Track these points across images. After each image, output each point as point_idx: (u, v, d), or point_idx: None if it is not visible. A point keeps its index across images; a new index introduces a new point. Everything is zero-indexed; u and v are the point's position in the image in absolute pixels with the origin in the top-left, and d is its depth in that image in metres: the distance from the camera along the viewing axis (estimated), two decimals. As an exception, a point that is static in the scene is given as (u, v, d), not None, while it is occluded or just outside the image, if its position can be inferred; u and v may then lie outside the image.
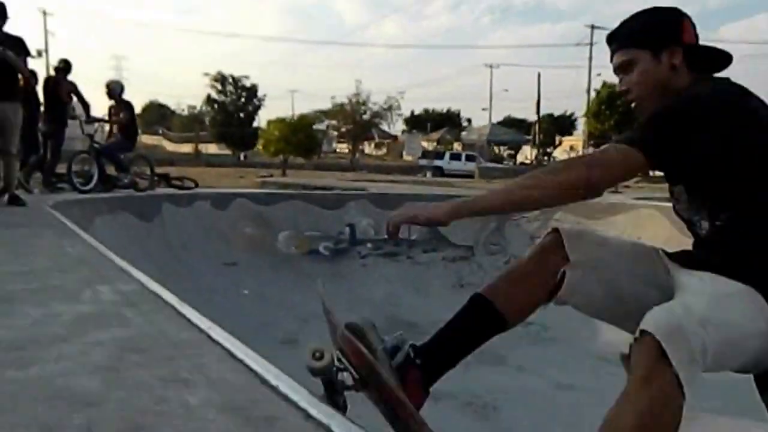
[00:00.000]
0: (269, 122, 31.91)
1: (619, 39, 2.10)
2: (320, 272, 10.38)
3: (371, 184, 21.27)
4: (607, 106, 21.84)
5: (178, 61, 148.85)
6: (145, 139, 53.78)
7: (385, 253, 11.10)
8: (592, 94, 23.92)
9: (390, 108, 51.84)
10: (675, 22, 2.04)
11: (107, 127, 10.44)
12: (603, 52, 2.22)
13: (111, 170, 10.13)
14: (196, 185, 11.75)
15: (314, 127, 34.72)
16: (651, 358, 1.51)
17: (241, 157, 49.53)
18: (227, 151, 52.76)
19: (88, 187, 9.18)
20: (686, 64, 2.01)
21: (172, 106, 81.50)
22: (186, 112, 75.02)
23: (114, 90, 10.40)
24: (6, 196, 6.81)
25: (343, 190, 14.97)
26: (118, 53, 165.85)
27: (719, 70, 2.05)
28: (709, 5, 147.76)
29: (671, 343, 1.49)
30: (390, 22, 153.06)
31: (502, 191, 2.07)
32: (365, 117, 45.83)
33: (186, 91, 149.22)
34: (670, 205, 2.35)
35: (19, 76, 6.59)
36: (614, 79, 2.14)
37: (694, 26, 2.06)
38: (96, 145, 9.63)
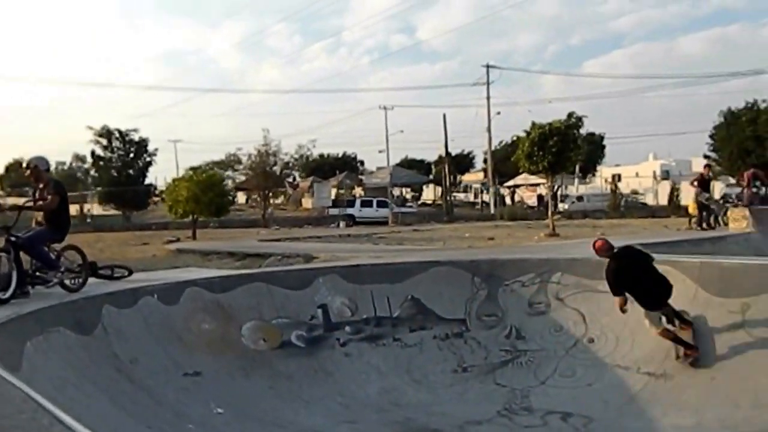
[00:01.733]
0: (174, 180, 29.33)
1: None
2: (299, 370, 8.64)
3: (300, 245, 19.54)
4: (539, 147, 21.12)
5: (46, 115, 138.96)
6: (12, 202, 48.83)
7: (367, 337, 9.44)
8: (522, 133, 23.12)
9: (302, 157, 50.02)
10: None
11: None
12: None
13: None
14: (130, 273, 9.65)
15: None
16: None
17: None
18: (113, 211, 48.96)
19: (5, 296, 7.02)
20: None
21: (41, 164, 74.69)
22: (55, 170, 69.80)
23: (39, 168, 8.26)
24: None
25: (290, 258, 13.18)
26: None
27: None
28: (572, 43, 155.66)
29: None
30: (268, 66, 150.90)
31: None
32: (275, 168, 43.79)
33: (58, 147, 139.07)
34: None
35: None
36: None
37: None
38: (14, 239, 7.44)
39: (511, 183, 57.38)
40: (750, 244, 14.35)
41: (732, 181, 44.67)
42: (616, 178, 62.89)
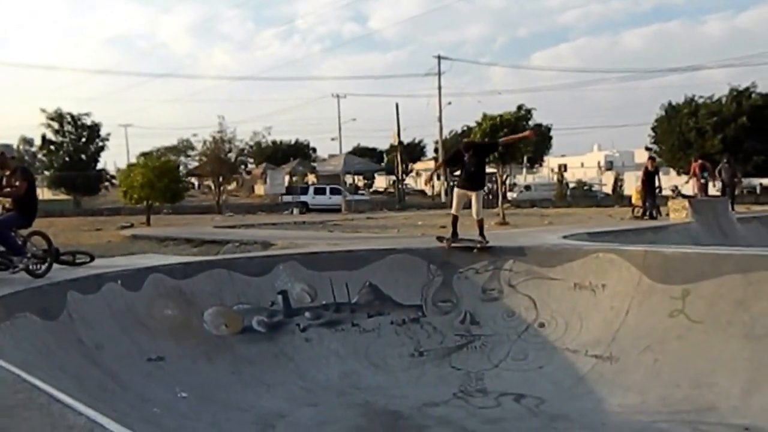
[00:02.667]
0: (129, 166, 28.97)
1: None
2: (260, 355, 8.84)
3: (257, 232, 19.61)
4: (491, 138, 21.56)
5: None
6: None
7: (327, 323, 9.67)
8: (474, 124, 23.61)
9: (258, 144, 49.75)
10: None
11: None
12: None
13: None
14: (92, 259, 9.69)
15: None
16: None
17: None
18: (63, 196, 48.04)
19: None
20: None
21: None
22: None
23: (5, 156, 8.28)
24: None
25: (251, 246, 13.29)
26: None
27: None
28: (519, 35, 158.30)
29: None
30: (220, 52, 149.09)
31: None
32: (230, 155, 43.43)
33: (4, 131, 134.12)
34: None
35: None
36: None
37: None
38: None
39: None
40: (689, 233, 15.01)
41: (673, 172, 46.25)
42: (563, 168, 64.34)
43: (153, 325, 8.38)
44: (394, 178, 57.55)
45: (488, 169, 45.27)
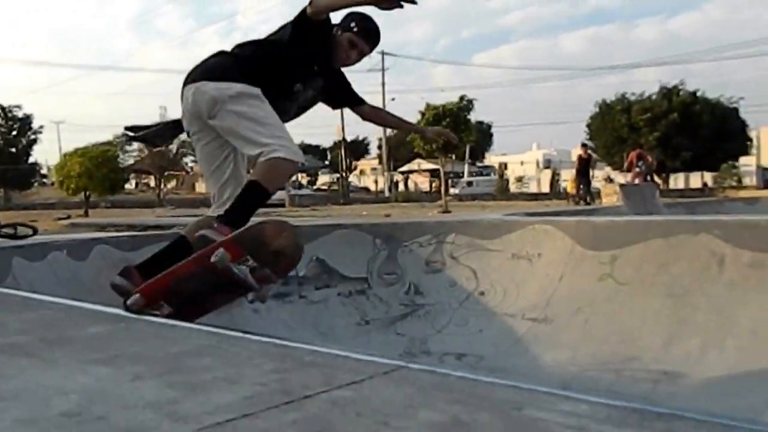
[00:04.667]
0: (66, 155, 28.41)
1: None
2: (210, 325, 8.99)
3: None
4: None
5: None
6: None
7: (275, 295, 9.81)
8: (418, 116, 24.08)
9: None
10: None
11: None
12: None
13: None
14: (35, 232, 9.63)
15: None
16: None
17: None
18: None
19: None
20: None
21: None
22: None
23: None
24: None
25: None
26: None
27: None
28: (462, 36, 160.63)
29: None
30: (160, 47, 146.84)
31: None
32: (171, 147, 42.92)
33: None
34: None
35: None
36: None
37: None
38: None
39: (405, 168, 58.71)
40: (619, 215, 15.70)
41: (608, 168, 47.74)
42: (503, 166, 65.69)
43: (101, 295, 8.45)
44: (337, 175, 57.71)
45: (431, 165, 45.60)
